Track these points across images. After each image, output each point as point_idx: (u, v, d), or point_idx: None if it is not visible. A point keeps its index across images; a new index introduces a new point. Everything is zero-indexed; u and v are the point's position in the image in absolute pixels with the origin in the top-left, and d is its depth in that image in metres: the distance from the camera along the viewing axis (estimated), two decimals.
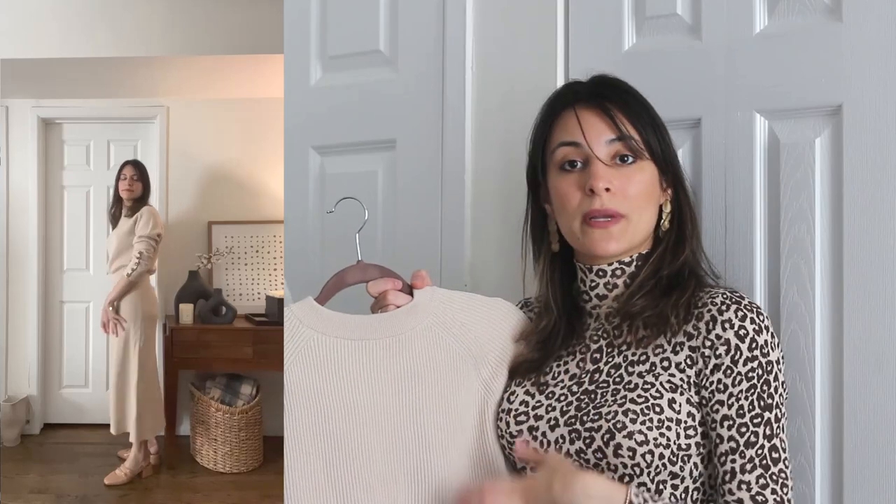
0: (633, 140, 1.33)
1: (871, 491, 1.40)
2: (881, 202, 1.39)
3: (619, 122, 1.33)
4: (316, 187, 2.03)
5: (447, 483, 1.34)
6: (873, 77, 1.41)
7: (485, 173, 1.82)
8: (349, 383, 1.34)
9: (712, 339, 1.28)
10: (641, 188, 1.33)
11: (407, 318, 1.38)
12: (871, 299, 1.40)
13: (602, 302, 1.39)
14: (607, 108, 1.34)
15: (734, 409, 1.27)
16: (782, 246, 1.48)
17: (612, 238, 1.33)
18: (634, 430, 1.27)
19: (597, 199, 1.32)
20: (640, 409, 1.28)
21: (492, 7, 1.83)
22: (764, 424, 1.27)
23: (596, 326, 1.40)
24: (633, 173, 1.33)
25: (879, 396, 1.39)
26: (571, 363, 1.39)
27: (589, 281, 1.40)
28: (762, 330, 1.28)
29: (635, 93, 1.38)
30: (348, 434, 1.32)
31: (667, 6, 1.61)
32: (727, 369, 1.28)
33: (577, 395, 1.35)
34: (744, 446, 1.26)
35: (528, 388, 1.39)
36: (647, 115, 1.36)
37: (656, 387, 1.30)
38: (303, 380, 1.33)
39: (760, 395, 1.27)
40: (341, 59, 2.01)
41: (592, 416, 1.31)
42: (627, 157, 1.33)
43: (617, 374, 1.34)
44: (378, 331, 1.36)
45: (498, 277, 1.51)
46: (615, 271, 1.38)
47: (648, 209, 1.35)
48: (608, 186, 1.31)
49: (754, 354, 1.27)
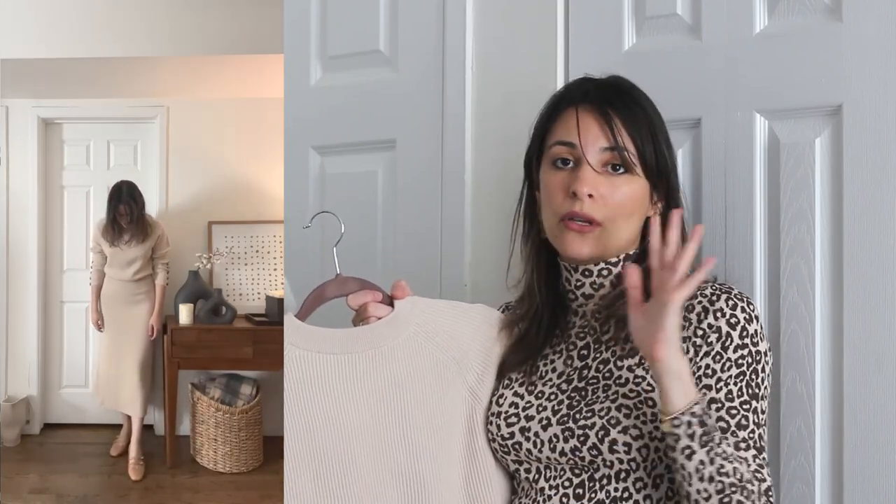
0: (626, 152, 1.32)
1: (871, 491, 1.40)
2: (881, 202, 1.39)
3: (617, 131, 1.32)
4: (316, 187, 2.03)
5: (437, 491, 1.35)
6: (873, 77, 1.41)
7: (485, 173, 1.82)
8: (333, 398, 1.34)
9: (704, 328, 1.29)
10: (626, 199, 1.33)
11: (388, 329, 1.37)
12: (871, 299, 1.40)
13: (588, 301, 1.39)
14: (608, 116, 1.33)
15: (723, 392, 1.27)
16: (782, 246, 1.48)
17: (585, 243, 1.33)
18: (629, 425, 1.27)
19: (578, 203, 1.32)
20: (632, 403, 1.29)
21: (492, 7, 1.83)
22: (752, 412, 1.27)
23: (581, 324, 1.40)
24: (621, 184, 1.33)
25: (879, 396, 1.39)
26: (558, 361, 1.39)
27: (574, 280, 1.39)
28: (752, 319, 1.29)
29: (645, 103, 1.37)
30: (334, 447, 1.32)
31: (667, 6, 1.61)
32: (717, 355, 1.28)
33: (567, 393, 1.35)
34: (735, 427, 1.26)
35: (517, 390, 1.39)
36: (650, 127, 1.34)
37: (647, 380, 1.30)
38: (288, 396, 1.34)
39: (749, 384, 1.27)
40: (341, 59, 2.01)
41: (585, 414, 1.31)
42: (618, 166, 1.33)
43: (606, 370, 1.34)
44: (360, 343, 1.36)
45: (498, 277, 1.50)
46: (601, 271, 1.37)
47: (630, 221, 1.34)
48: (592, 193, 1.32)
49: (745, 342, 1.28)
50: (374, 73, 1.96)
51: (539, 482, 1.37)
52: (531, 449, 1.35)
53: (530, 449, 1.35)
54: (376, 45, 1.96)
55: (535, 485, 1.37)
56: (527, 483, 1.39)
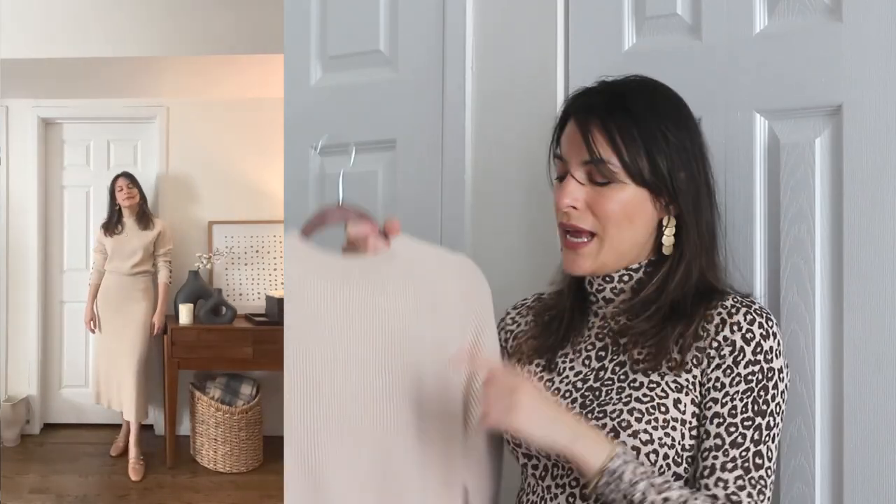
0: (605, 164, 1.31)
1: (871, 491, 1.40)
2: (881, 202, 1.39)
3: (596, 144, 1.31)
4: (316, 187, 2.03)
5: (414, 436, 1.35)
6: (873, 77, 1.41)
7: (485, 173, 1.82)
8: (327, 326, 1.34)
9: (719, 340, 1.28)
10: (617, 208, 1.32)
11: (386, 265, 1.39)
12: (871, 299, 1.40)
13: (608, 304, 1.40)
14: (587, 128, 1.32)
15: (727, 408, 1.27)
16: (782, 246, 1.48)
17: (579, 258, 1.35)
18: (639, 430, 1.27)
19: (565, 215, 1.34)
20: (645, 408, 1.28)
21: (492, 7, 1.83)
22: (754, 429, 1.26)
23: (601, 325, 1.40)
24: (610, 193, 1.32)
25: (879, 396, 1.39)
26: (577, 360, 1.40)
27: (596, 285, 1.40)
28: (769, 336, 1.28)
29: (641, 108, 1.33)
30: (322, 376, 1.33)
31: (667, 6, 1.61)
32: (727, 369, 1.28)
33: (581, 392, 1.36)
34: (729, 445, 1.26)
35: None
36: (641, 134, 1.31)
37: (661, 386, 1.30)
38: (289, 322, 1.34)
39: (756, 400, 1.27)
40: (341, 59, 2.01)
41: (597, 414, 1.31)
42: (603, 176, 1.32)
43: (622, 372, 1.34)
44: (359, 275, 1.37)
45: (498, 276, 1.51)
46: (622, 277, 1.37)
47: (630, 228, 1.33)
48: (574, 204, 1.33)
49: (757, 359, 1.27)
50: (375, 73, 1.96)
51: (545, 480, 1.37)
52: None
53: None
54: (376, 45, 1.96)
55: (542, 482, 1.37)
56: (533, 479, 1.39)
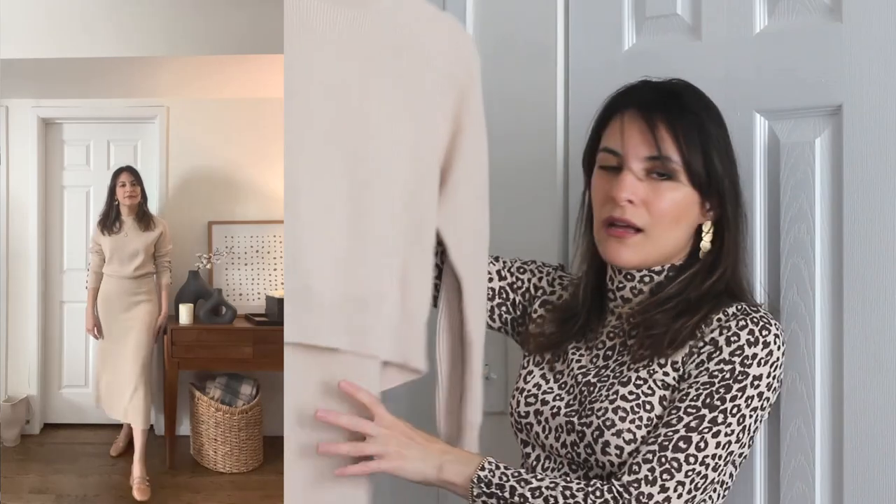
0: (669, 161, 1.31)
1: (871, 491, 1.40)
2: (881, 202, 1.39)
3: (661, 140, 1.31)
4: None
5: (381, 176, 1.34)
6: (873, 77, 1.41)
7: None
8: (331, 53, 1.32)
9: (706, 340, 1.28)
10: (670, 206, 1.32)
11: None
12: (871, 299, 1.40)
13: (625, 304, 1.39)
14: (653, 123, 1.32)
15: (679, 394, 1.27)
16: (782, 246, 1.48)
17: (626, 248, 1.33)
18: (623, 429, 1.28)
19: (618, 209, 1.32)
20: (630, 406, 1.29)
21: (491, 7, 1.83)
22: (695, 418, 1.24)
23: (615, 324, 1.40)
24: (665, 191, 1.32)
25: (879, 396, 1.39)
26: (587, 355, 1.40)
27: (617, 282, 1.39)
28: (756, 343, 1.26)
29: (701, 111, 1.35)
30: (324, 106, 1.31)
31: (667, 6, 1.61)
32: (700, 363, 1.27)
33: (579, 388, 1.36)
34: (662, 426, 1.25)
35: (545, 373, 1.41)
36: (700, 136, 1.32)
37: (649, 383, 1.30)
38: (288, 47, 1.32)
39: (712, 394, 1.25)
40: None
41: (586, 412, 1.32)
42: (663, 174, 1.32)
43: (620, 370, 1.34)
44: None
45: None
46: (643, 278, 1.37)
47: (675, 229, 1.34)
48: (631, 199, 1.31)
49: (731, 359, 1.26)
50: None
51: (537, 470, 1.37)
52: (539, 433, 1.37)
53: (539, 433, 1.37)
54: None
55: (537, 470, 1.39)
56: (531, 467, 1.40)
